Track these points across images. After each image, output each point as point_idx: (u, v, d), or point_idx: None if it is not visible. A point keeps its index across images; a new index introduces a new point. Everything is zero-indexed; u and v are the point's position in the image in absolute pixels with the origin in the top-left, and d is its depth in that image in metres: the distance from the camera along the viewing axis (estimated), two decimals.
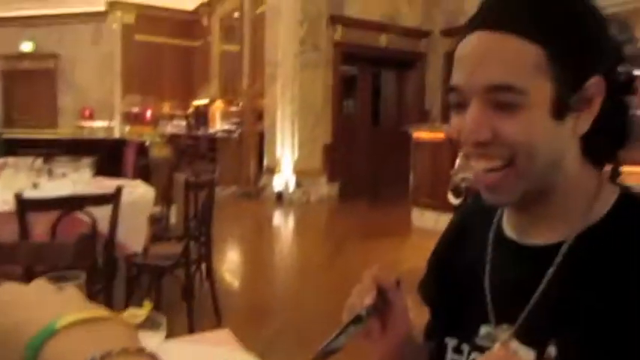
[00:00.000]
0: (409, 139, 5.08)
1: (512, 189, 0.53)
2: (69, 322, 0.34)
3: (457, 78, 0.54)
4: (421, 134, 4.90)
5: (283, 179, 6.35)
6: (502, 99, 0.50)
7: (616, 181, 0.57)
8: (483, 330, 0.60)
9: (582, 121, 0.52)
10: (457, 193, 4.08)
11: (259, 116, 7.07)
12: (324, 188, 6.51)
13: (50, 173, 2.51)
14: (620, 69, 0.55)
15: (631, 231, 0.52)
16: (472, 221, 0.69)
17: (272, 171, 6.52)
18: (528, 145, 0.51)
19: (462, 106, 0.54)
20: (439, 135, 4.61)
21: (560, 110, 0.51)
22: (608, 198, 0.55)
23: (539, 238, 0.57)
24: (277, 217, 5.95)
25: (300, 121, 6.27)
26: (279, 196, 6.34)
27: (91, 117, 10.50)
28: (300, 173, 6.29)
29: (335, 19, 6.64)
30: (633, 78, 0.55)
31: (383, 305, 0.60)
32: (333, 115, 6.89)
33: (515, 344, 0.56)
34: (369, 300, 0.58)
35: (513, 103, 0.50)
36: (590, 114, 0.52)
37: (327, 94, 6.64)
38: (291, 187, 6.28)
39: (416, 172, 4.95)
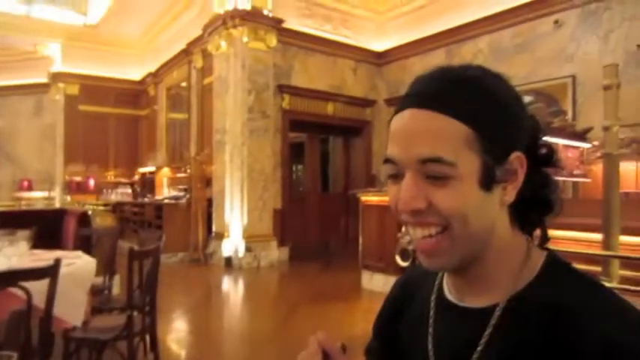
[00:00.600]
0: (358, 203, 5.19)
1: (448, 254, 0.57)
2: None
3: (392, 151, 0.58)
4: (369, 198, 5.02)
5: (233, 244, 6.25)
6: (433, 171, 0.55)
7: (544, 246, 0.62)
8: None
9: (509, 192, 0.57)
10: (405, 255, 4.17)
11: (207, 182, 7.04)
12: (274, 253, 6.45)
13: None
14: (542, 143, 0.61)
15: (556, 291, 0.56)
16: (415, 284, 0.73)
17: (221, 236, 6.42)
18: (460, 213, 0.55)
19: (397, 176, 0.58)
20: (386, 199, 4.73)
21: (487, 182, 0.55)
22: (537, 262, 0.59)
23: (476, 301, 0.60)
24: (226, 283, 5.80)
25: (250, 187, 6.29)
26: (229, 262, 6.21)
27: (30, 188, 10.10)
28: (250, 238, 6.22)
29: (282, 89, 6.89)
30: (553, 151, 0.61)
31: None
32: (283, 180, 6.96)
33: None
34: None
35: (444, 175, 0.54)
36: (515, 185, 0.57)
37: (276, 160, 6.75)
38: (241, 252, 6.18)
39: (365, 236, 5.01)
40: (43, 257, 2.26)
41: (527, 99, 5.26)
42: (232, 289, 5.65)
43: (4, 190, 10.15)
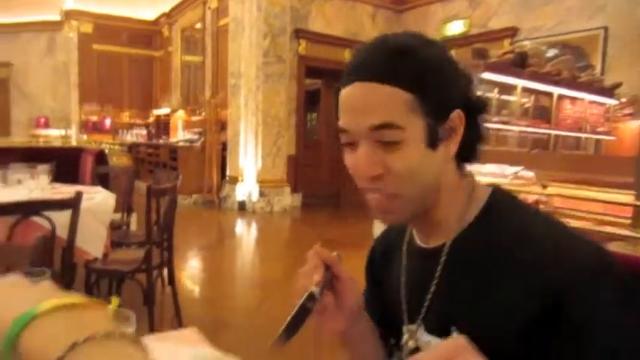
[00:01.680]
0: None
1: (400, 210, 0.64)
2: (48, 307, 0.33)
3: (344, 122, 0.63)
4: None
5: (246, 189, 6.31)
6: (386, 136, 0.59)
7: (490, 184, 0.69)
8: (404, 330, 0.70)
9: (452, 145, 0.63)
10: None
11: (222, 126, 7.03)
12: (287, 199, 6.51)
13: (5, 180, 2.42)
14: (476, 95, 0.66)
15: (498, 222, 0.62)
16: (397, 233, 0.78)
17: (235, 180, 6.47)
18: (412, 174, 0.61)
19: (352, 144, 0.63)
20: None
21: (432, 141, 0.61)
22: (481, 199, 0.65)
23: (434, 241, 0.68)
24: (239, 226, 5.90)
25: (264, 132, 6.27)
26: (242, 205, 6.30)
27: (47, 125, 10.17)
28: (264, 183, 6.28)
29: (299, 33, 6.72)
30: (486, 102, 0.67)
31: (331, 279, 0.66)
32: (297, 127, 6.92)
33: (423, 335, 0.67)
34: (318, 277, 0.64)
35: (395, 140, 0.59)
36: (456, 139, 0.63)
37: (290, 106, 6.69)
38: (255, 196, 6.26)
39: None
40: (63, 191, 2.30)
41: (553, 52, 5.12)
42: (245, 232, 5.75)
43: (21, 126, 10.24)
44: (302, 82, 6.94)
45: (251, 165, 6.33)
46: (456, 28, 6.97)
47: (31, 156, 4.09)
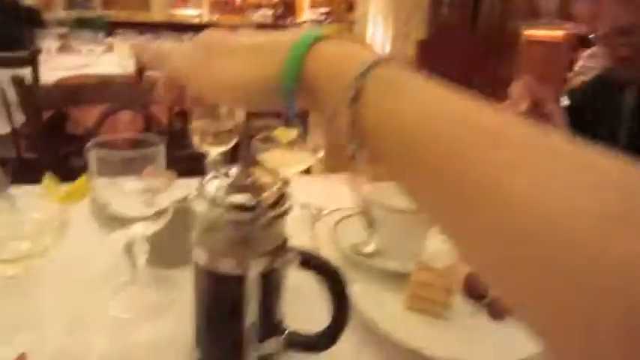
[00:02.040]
0: (513, 41, 4.60)
1: None
2: (330, 31, 0.35)
3: None
4: (535, 33, 4.40)
5: None
6: None
7: None
8: None
9: None
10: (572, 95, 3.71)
11: (350, 7, 6.70)
12: None
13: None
14: None
15: None
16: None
17: None
18: None
19: None
20: (557, 34, 4.13)
21: None
22: None
23: None
24: None
25: (394, 14, 5.86)
26: None
27: (185, 4, 10.53)
28: None
29: None
30: None
31: None
32: (429, 10, 6.37)
33: None
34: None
35: None
36: None
37: None
38: None
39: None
40: None
41: None
42: None
43: (159, 5, 10.71)
44: None
45: (377, 49, 6.04)
46: None
47: (172, 31, 4.23)
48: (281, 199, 0.53)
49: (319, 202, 1.10)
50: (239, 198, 0.50)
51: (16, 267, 0.58)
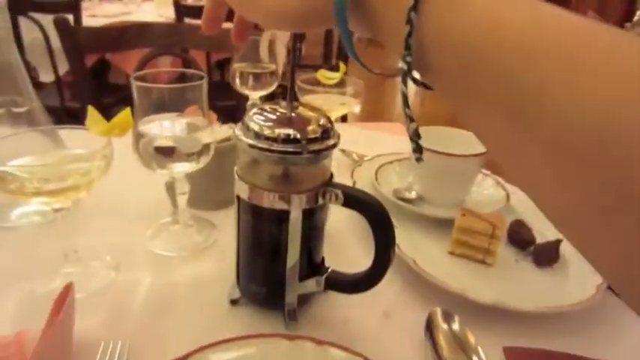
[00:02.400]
0: None
1: None
2: None
3: None
4: None
5: None
6: None
7: None
8: None
9: None
10: None
11: None
12: None
13: None
14: None
15: None
16: None
17: None
18: None
19: None
20: None
21: None
22: None
23: None
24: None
25: None
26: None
27: None
28: None
29: None
30: None
31: None
32: None
33: None
34: None
35: None
36: None
37: None
38: None
39: None
40: None
41: None
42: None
43: None
44: None
45: None
46: None
47: None
48: (326, 133, 0.51)
49: (360, 150, 1.08)
50: (283, 130, 0.49)
51: (62, 200, 0.59)
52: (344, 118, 2.45)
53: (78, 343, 0.52)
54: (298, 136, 0.49)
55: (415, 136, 0.41)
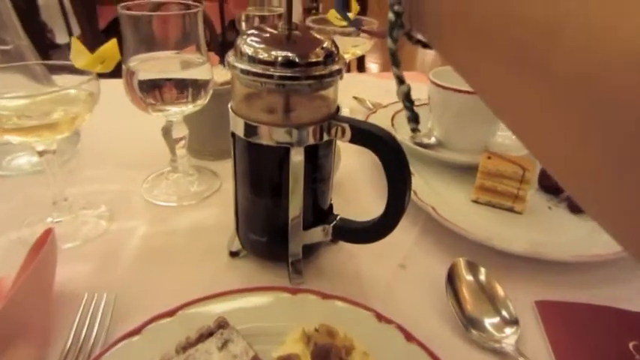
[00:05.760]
0: None
1: None
2: None
3: None
4: None
5: None
6: None
7: None
8: None
9: None
10: None
11: None
12: None
13: None
14: None
15: None
16: None
17: None
18: None
19: None
20: None
21: None
22: None
23: None
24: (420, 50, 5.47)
25: None
26: None
27: None
28: None
29: None
30: None
31: None
32: None
33: None
34: None
35: None
36: None
37: None
38: None
39: None
40: None
41: None
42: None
43: None
44: None
45: None
46: None
47: None
48: (330, 57, 0.43)
49: (375, 99, 1.01)
50: (281, 53, 0.42)
51: (45, 140, 0.53)
52: (361, 65, 2.36)
53: (61, 293, 0.48)
54: (297, 59, 0.42)
55: (408, 102, 0.36)
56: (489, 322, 0.45)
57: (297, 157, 0.46)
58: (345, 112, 0.97)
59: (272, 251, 0.53)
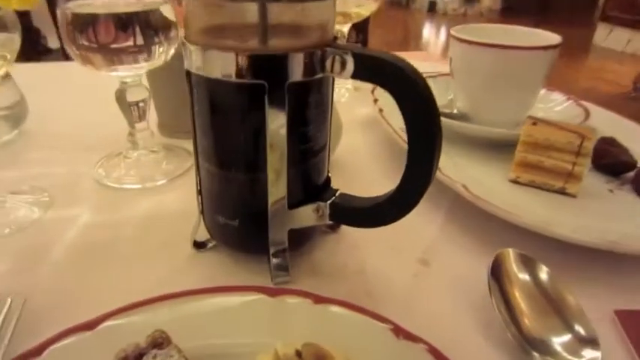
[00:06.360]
0: None
1: None
2: None
3: None
4: None
5: None
6: None
7: None
8: None
9: None
10: None
11: None
12: (486, 0, 5.67)
13: None
14: None
15: None
16: None
17: None
18: None
19: None
20: None
21: None
22: None
23: None
24: (427, 30, 5.37)
25: None
26: (432, 7, 5.66)
27: None
28: None
29: None
30: None
31: None
32: None
33: None
34: None
35: None
36: None
37: None
38: None
39: None
40: None
41: None
42: (433, 37, 5.20)
43: None
44: None
45: None
46: None
47: None
48: None
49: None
50: None
51: None
52: (365, 29, 2.26)
53: None
54: None
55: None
56: (559, 341, 0.30)
57: (276, 101, 0.32)
58: (343, 99, 0.83)
59: (247, 239, 0.39)
